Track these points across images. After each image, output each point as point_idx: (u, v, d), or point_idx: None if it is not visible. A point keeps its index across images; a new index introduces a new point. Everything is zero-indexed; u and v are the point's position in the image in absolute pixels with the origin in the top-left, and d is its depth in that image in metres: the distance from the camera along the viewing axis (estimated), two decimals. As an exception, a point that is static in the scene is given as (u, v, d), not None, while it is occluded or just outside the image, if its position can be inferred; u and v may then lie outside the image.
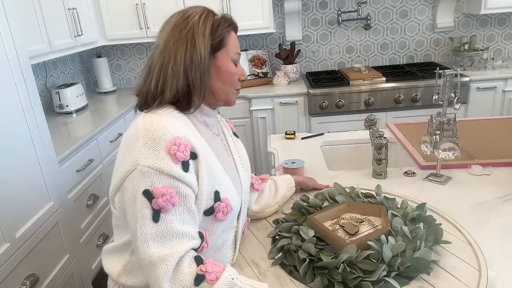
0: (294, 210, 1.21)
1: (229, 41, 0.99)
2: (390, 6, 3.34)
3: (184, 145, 0.86)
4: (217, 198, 0.93)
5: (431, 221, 1.07)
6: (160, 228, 0.83)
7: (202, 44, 0.93)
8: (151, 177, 0.83)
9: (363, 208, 1.17)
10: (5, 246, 1.38)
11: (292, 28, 3.36)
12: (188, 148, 0.87)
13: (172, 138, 0.85)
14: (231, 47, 0.99)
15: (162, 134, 0.85)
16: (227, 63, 0.99)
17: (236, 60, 1.01)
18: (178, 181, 0.85)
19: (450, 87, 1.36)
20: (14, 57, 1.50)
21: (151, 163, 0.83)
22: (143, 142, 0.85)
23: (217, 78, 0.98)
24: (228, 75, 0.99)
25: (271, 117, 3.06)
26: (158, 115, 0.90)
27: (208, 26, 0.95)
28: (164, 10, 2.97)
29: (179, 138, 0.86)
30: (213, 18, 0.97)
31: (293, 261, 0.98)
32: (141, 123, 0.89)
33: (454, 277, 0.91)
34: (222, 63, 0.98)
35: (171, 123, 0.88)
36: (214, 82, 0.98)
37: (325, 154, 1.77)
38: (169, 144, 0.85)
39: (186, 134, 0.88)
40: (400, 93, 2.90)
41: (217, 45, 0.96)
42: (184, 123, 0.93)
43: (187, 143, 0.87)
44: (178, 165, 0.85)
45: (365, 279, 0.87)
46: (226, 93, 1.02)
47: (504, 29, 3.35)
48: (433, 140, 1.38)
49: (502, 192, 1.31)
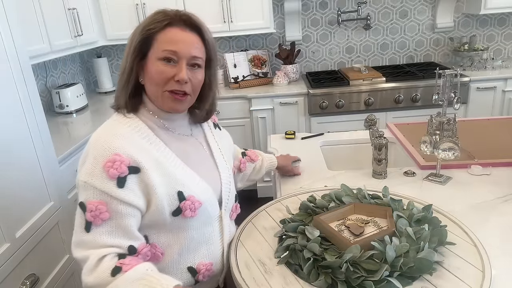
0: (301, 211, 1.21)
1: (157, 38, 0.94)
2: (390, 6, 3.34)
3: (119, 161, 0.89)
4: (181, 197, 0.96)
5: (436, 222, 1.08)
6: (89, 238, 0.89)
7: (130, 43, 0.96)
8: (87, 191, 0.89)
9: (369, 210, 1.17)
10: (5, 246, 1.38)
11: (292, 28, 3.36)
12: (124, 165, 0.89)
13: (110, 155, 0.89)
14: (159, 45, 0.94)
15: (103, 151, 0.90)
16: (153, 62, 0.95)
17: (165, 56, 0.94)
18: (111, 197, 0.88)
19: (450, 87, 1.36)
20: (14, 57, 1.50)
21: (87, 179, 0.89)
22: (87, 156, 0.92)
23: (146, 79, 0.98)
24: (153, 76, 0.95)
25: (271, 117, 3.06)
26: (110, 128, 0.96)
27: (141, 25, 0.96)
28: (164, 10, 3.00)
29: (118, 154, 0.89)
30: (152, 16, 0.96)
31: (298, 260, 0.99)
32: (92, 137, 0.95)
33: (458, 278, 0.91)
34: (149, 63, 0.96)
35: (115, 138, 0.92)
36: (148, 85, 0.98)
37: (325, 154, 1.77)
38: (106, 161, 0.89)
39: (128, 149, 0.91)
40: (400, 93, 2.90)
41: (143, 44, 0.95)
42: (133, 132, 0.96)
43: (126, 159, 0.90)
44: (113, 182, 0.88)
45: (367, 279, 0.87)
46: (155, 95, 0.98)
47: (504, 29, 3.35)
48: (433, 140, 1.38)
49: (502, 192, 1.32)
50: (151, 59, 0.95)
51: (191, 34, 0.97)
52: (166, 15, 0.95)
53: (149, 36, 0.94)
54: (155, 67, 0.94)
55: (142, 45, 0.94)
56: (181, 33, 0.95)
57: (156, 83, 0.96)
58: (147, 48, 0.95)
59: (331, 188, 1.35)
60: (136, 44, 0.94)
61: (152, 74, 0.95)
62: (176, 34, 0.95)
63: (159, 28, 0.94)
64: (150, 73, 0.96)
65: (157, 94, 0.97)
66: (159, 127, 1.02)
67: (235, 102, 3.05)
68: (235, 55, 3.29)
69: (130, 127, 0.97)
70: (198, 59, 0.98)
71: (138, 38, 0.94)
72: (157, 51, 0.94)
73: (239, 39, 3.43)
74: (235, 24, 3.06)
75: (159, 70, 0.94)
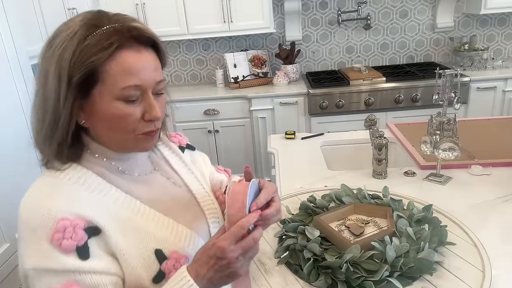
0: (301, 211, 1.21)
1: (108, 70, 0.67)
2: (390, 6, 3.34)
3: (71, 227, 0.66)
4: (161, 257, 0.74)
5: (436, 222, 1.08)
6: None
7: (55, 78, 0.67)
8: (44, 278, 0.65)
9: (369, 210, 1.17)
10: (5, 246, 1.38)
11: (292, 28, 3.36)
12: (79, 229, 0.66)
13: (54, 223, 0.65)
14: (113, 80, 0.68)
15: (41, 220, 0.66)
16: (108, 104, 0.69)
17: (128, 95, 0.69)
18: (79, 273, 0.66)
19: (450, 87, 1.36)
20: (14, 57, 1.50)
21: (36, 264, 0.65)
22: (23, 235, 0.68)
23: (107, 127, 0.72)
24: (113, 121, 0.70)
25: (271, 117, 3.06)
26: (41, 188, 0.72)
27: (69, 51, 0.66)
28: (164, 10, 3.01)
29: (64, 219, 0.66)
30: (84, 36, 0.66)
31: (298, 260, 0.99)
32: (21, 208, 0.69)
33: (458, 278, 0.91)
34: (100, 105, 0.69)
35: (53, 199, 0.68)
36: (107, 133, 0.73)
37: (325, 154, 1.77)
38: (52, 232, 0.65)
39: (75, 208, 0.68)
40: (400, 93, 2.90)
41: (85, 79, 0.67)
42: (76, 186, 0.72)
43: (78, 220, 0.67)
44: (72, 255, 0.66)
45: (367, 279, 0.88)
46: (120, 141, 0.74)
47: (504, 29, 3.35)
48: (433, 140, 1.38)
49: (502, 192, 1.31)
50: (101, 98, 0.69)
51: (148, 53, 0.72)
52: (110, 34, 0.67)
53: (94, 69, 0.66)
54: (113, 110, 0.69)
55: (83, 82, 0.67)
56: (138, 56, 0.69)
57: (121, 130, 0.72)
58: (91, 84, 0.68)
59: (331, 188, 1.35)
60: (73, 82, 0.66)
61: (112, 119, 0.70)
62: (133, 61, 0.69)
63: (107, 55, 0.66)
64: (106, 117, 0.70)
65: (123, 139, 0.74)
66: (111, 171, 0.77)
67: (235, 102, 3.05)
68: (235, 55, 3.29)
69: (71, 180, 0.72)
70: (161, 83, 0.74)
71: (78, 74, 0.66)
72: (111, 88, 0.68)
73: (239, 39, 3.43)
74: (235, 24, 3.06)
75: (122, 114, 0.70)
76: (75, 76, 0.66)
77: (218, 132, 3.11)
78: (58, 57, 0.67)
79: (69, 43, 0.66)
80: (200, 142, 3.14)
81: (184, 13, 3.03)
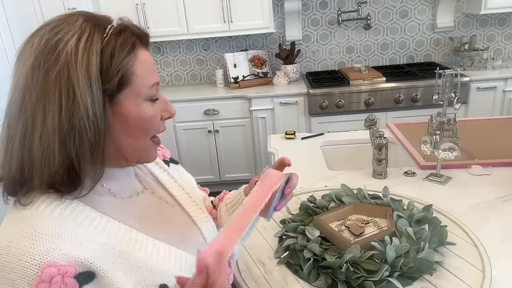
0: (301, 211, 1.21)
1: (135, 72, 0.63)
2: (390, 6, 3.34)
3: (60, 275, 0.54)
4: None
5: (436, 222, 1.08)
6: None
7: (87, 92, 0.58)
8: None
9: (369, 210, 1.17)
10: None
11: (292, 28, 3.36)
12: (68, 277, 0.55)
13: (37, 270, 0.54)
14: (141, 80, 0.64)
15: (22, 268, 0.54)
16: (137, 107, 0.64)
17: (153, 94, 0.66)
18: None
19: (450, 87, 1.36)
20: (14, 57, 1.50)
21: None
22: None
23: (124, 132, 0.65)
24: (141, 124, 0.66)
25: (271, 117, 3.06)
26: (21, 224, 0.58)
27: (94, 60, 0.59)
28: (164, 10, 3.01)
29: (51, 265, 0.54)
30: (101, 41, 0.61)
31: (298, 260, 0.99)
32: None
33: (458, 278, 0.91)
34: (129, 110, 0.64)
35: (38, 240, 0.56)
36: (121, 138, 0.65)
37: (325, 154, 1.77)
38: (36, 282, 0.54)
39: (65, 249, 0.56)
40: (400, 93, 2.90)
41: (116, 86, 0.61)
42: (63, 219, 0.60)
43: (68, 266, 0.56)
44: None
45: (368, 279, 0.88)
46: (140, 150, 0.68)
47: (504, 29, 3.35)
48: (433, 140, 1.38)
49: (502, 192, 1.31)
50: (129, 102, 0.63)
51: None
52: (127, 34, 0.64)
53: (127, 72, 0.62)
54: (144, 111, 0.65)
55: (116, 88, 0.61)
56: (148, 54, 0.68)
57: (146, 132, 0.68)
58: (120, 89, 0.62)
59: (331, 188, 1.35)
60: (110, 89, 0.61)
61: (141, 122, 0.65)
62: (149, 58, 0.67)
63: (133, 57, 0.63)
64: (134, 122, 0.65)
65: (143, 147, 0.68)
66: (101, 195, 0.68)
67: (235, 102, 3.05)
68: (235, 55, 3.29)
69: (53, 214, 0.60)
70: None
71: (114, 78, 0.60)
72: (139, 89, 0.64)
73: (239, 39, 3.43)
74: (235, 24, 3.06)
75: (152, 115, 0.66)
76: (110, 81, 0.60)
77: (218, 132, 3.12)
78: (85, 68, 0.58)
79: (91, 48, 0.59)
80: (200, 142, 3.14)
81: (184, 13, 3.03)
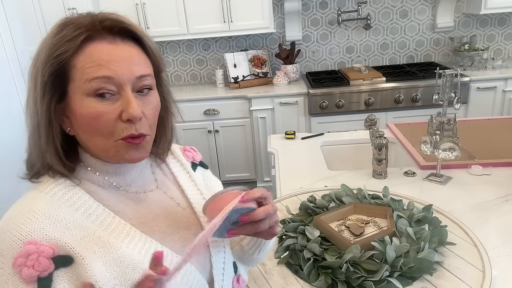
0: (301, 211, 1.21)
1: (75, 65, 0.61)
2: (390, 6, 3.34)
3: (36, 254, 0.58)
4: None
5: (436, 222, 1.08)
6: None
7: (35, 82, 0.63)
8: None
9: (369, 210, 1.17)
10: None
11: (292, 28, 3.36)
12: (43, 257, 0.58)
13: (21, 245, 0.58)
14: (80, 74, 0.61)
15: (10, 242, 0.59)
16: (81, 102, 0.62)
17: (95, 89, 0.61)
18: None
19: (450, 87, 1.36)
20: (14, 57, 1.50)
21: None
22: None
23: (82, 130, 0.65)
24: (88, 122, 0.63)
25: (271, 117, 3.06)
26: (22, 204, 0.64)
27: (43, 54, 0.62)
28: (164, 10, 3.01)
29: (32, 243, 0.58)
30: (55, 33, 0.63)
31: (298, 260, 0.99)
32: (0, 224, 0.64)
33: (458, 278, 0.91)
34: (74, 104, 0.63)
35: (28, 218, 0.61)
36: (85, 137, 0.66)
37: (325, 154, 1.77)
38: (17, 256, 0.58)
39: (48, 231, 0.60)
40: (400, 93, 2.90)
41: (56, 78, 0.62)
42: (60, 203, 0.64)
43: (46, 247, 0.59)
44: (31, 285, 0.58)
45: (368, 279, 0.88)
46: (101, 149, 0.65)
47: (504, 29, 3.35)
48: (433, 140, 1.38)
49: (502, 192, 1.32)
50: (75, 97, 0.62)
51: (126, 45, 0.65)
52: (78, 25, 0.62)
53: (62, 65, 0.61)
54: (86, 109, 0.62)
55: (54, 80, 0.62)
56: (111, 48, 0.63)
57: (99, 133, 0.63)
58: (63, 82, 0.62)
59: (331, 188, 1.35)
60: (44, 80, 0.61)
61: (84, 120, 0.63)
62: (103, 51, 0.62)
63: (74, 48, 0.61)
64: (80, 119, 0.63)
65: (104, 147, 0.65)
66: (104, 187, 0.69)
67: (235, 102, 3.05)
68: (235, 55, 3.29)
69: (54, 197, 0.64)
70: (146, 78, 0.65)
71: (46, 70, 0.61)
72: (80, 83, 0.61)
73: (239, 39, 3.43)
74: (235, 24, 3.06)
75: (96, 113, 0.62)
76: (46, 73, 0.61)
77: (218, 132, 3.12)
78: (35, 58, 0.64)
79: (43, 43, 0.64)
80: (200, 142, 3.14)
81: (184, 13, 3.03)
